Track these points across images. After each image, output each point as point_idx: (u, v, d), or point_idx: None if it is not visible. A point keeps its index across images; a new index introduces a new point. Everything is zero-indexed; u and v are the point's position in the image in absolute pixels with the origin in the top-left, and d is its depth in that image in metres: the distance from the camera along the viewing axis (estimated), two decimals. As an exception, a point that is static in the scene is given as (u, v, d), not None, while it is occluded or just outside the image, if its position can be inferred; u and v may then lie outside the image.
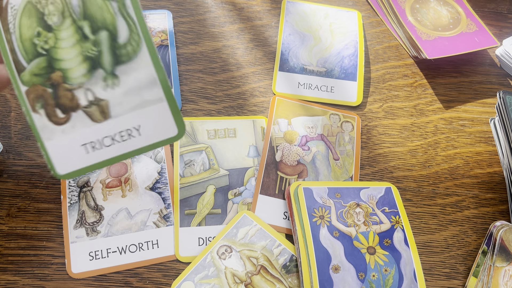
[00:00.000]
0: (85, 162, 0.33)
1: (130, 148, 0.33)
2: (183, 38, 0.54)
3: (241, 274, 0.40)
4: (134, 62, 0.31)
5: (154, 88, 0.32)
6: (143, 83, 0.32)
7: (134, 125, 0.32)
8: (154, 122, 0.32)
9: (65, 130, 0.32)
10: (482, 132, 0.52)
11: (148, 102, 0.32)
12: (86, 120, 0.32)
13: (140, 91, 0.32)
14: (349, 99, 0.52)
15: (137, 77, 0.32)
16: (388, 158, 0.49)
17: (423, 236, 0.45)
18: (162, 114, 0.32)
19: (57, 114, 0.32)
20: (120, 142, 0.33)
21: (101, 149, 0.33)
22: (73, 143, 0.32)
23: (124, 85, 0.32)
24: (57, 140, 0.32)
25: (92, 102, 0.32)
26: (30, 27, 0.31)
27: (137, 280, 0.40)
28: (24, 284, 0.39)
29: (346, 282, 0.39)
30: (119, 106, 0.32)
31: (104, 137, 0.32)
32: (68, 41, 0.31)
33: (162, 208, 0.43)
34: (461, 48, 0.54)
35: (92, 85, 0.32)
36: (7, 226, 0.41)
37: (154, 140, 0.33)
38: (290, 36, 0.56)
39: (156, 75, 0.32)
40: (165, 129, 0.33)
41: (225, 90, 0.51)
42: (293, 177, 0.46)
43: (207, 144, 0.47)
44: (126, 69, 0.31)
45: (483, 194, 0.48)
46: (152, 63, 0.31)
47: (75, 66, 0.31)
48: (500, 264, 0.41)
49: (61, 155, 0.33)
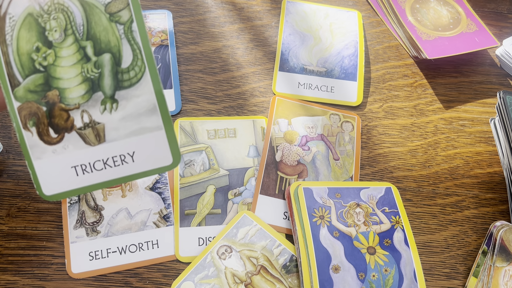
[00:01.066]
0: (73, 184, 0.32)
1: (122, 174, 0.32)
2: (183, 38, 0.54)
3: (241, 274, 0.40)
4: (136, 89, 0.31)
5: (153, 116, 0.31)
6: (143, 110, 0.31)
7: (128, 151, 0.31)
8: (149, 149, 0.31)
9: (56, 150, 0.31)
10: (482, 132, 0.52)
11: (145, 129, 0.31)
12: (79, 142, 0.31)
13: (138, 118, 0.31)
14: (349, 99, 0.52)
15: (137, 103, 0.31)
16: (388, 158, 0.49)
17: (423, 236, 0.45)
18: (158, 142, 0.31)
19: (50, 134, 0.31)
20: (112, 167, 0.31)
21: (92, 173, 0.31)
22: (63, 164, 0.31)
23: (123, 110, 0.31)
24: (47, 160, 0.31)
25: (87, 125, 0.31)
26: (29, 41, 0.30)
27: (137, 280, 0.40)
28: (24, 284, 0.39)
29: (346, 282, 0.39)
30: (115, 131, 0.31)
31: (96, 160, 0.31)
32: (68, 60, 0.30)
33: (162, 208, 0.43)
34: (461, 48, 0.54)
35: (90, 107, 0.31)
36: (7, 226, 0.41)
37: (148, 167, 0.32)
38: (290, 36, 0.56)
39: (156, 103, 0.31)
40: (160, 157, 0.32)
41: (225, 90, 0.51)
42: (293, 177, 0.46)
43: (207, 144, 0.47)
44: (126, 94, 0.31)
45: (483, 194, 0.48)
46: (153, 91, 0.31)
47: (73, 86, 0.30)
48: (500, 264, 0.41)
49: (49, 176, 0.31)
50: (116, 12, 0.31)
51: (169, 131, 0.31)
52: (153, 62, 0.31)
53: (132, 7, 0.30)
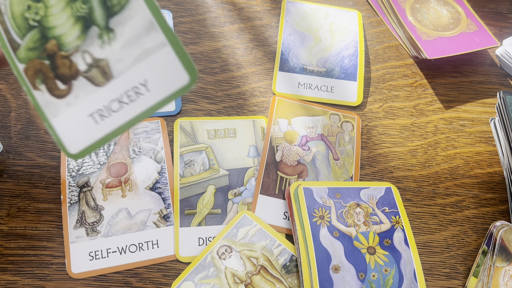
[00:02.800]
0: (96, 134, 0.30)
1: (141, 109, 0.29)
2: (183, 38, 0.54)
3: (241, 274, 0.40)
4: (128, 10, 0.29)
5: (154, 33, 0.29)
6: (141, 30, 0.29)
7: (140, 81, 0.29)
8: (160, 72, 0.29)
9: (69, 102, 0.30)
10: (482, 132, 0.52)
11: (149, 50, 0.29)
12: (88, 86, 0.30)
13: (139, 40, 0.29)
14: (349, 99, 0.52)
15: (133, 25, 0.29)
16: (388, 158, 0.49)
17: (423, 236, 0.45)
18: (167, 61, 0.29)
19: (59, 87, 0.30)
20: (129, 103, 0.29)
21: (110, 116, 0.30)
22: (80, 115, 0.30)
23: (121, 38, 0.29)
24: (64, 115, 0.30)
25: (91, 65, 0.29)
26: (20, 3, 0.30)
27: (137, 280, 0.40)
28: (24, 284, 0.39)
29: (346, 282, 0.39)
30: (120, 62, 0.29)
31: (111, 101, 0.30)
32: (57, 6, 0.30)
33: (162, 208, 0.43)
34: (461, 48, 0.54)
35: (88, 46, 0.29)
36: (7, 226, 0.41)
37: (165, 93, 0.29)
38: (290, 36, 0.56)
39: (153, 18, 0.28)
40: (174, 78, 0.29)
41: (225, 90, 0.51)
42: (293, 177, 0.46)
43: (207, 144, 0.47)
44: (120, 19, 0.29)
45: (483, 194, 0.48)
46: (146, 6, 0.29)
47: (68, 29, 0.30)
48: (500, 264, 0.41)
49: (70, 132, 0.30)
50: None
51: (175, 46, 0.29)
52: None
53: None
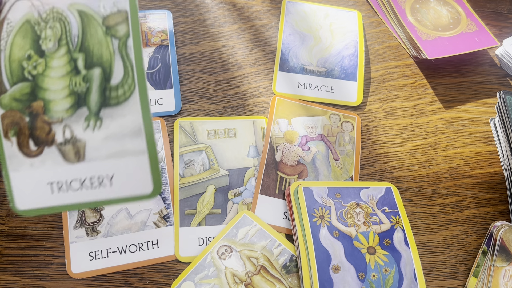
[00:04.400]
0: (47, 202, 0.30)
1: (98, 198, 0.30)
2: (183, 38, 0.54)
3: (241, 274, 0.40)
4: (122, 108, 0.29)
5: (138, 139, 0.29)
6: (127, 131, 0.29)
7: (107, 173, 0.30)
8: (129, 174, 0.30)
9: (34, 164, 0.30)
10: (482, 132, 0.52)
11: (128, 152, 0.30)
12: (58, 158, 0.30)
13: (122, 139, 0.29)
14: (349, 99, 0.52)
15: (122, 123, 0.29)
16: (388, 158, 0.49)
17: (423, 236, 0.45)
18: (139, 168, 0.30)
19: (30, 146, 0.30)
20: (89, 188, 0.30)
21: (67, 192, 0.30)
22: (40, 180, 0.30)
23: (106, 129, 0.29)
24: (23, 173, 0.30)
25: (68, 141, 0.30)
26: (22, 48, 0.29)
27: (137, 280, 0.40)
28: (24, 284, 0.39)
29: (346, 282, 0.39)
30: (96, 150, 0.30)
31: (73, 179, 0.30)
32: (58, 71, 0.30)
33: (162, 208, 0.43)
34: (461, 48, 0.54)
35: (73, 123, 0.29)
36: (7, 226, 0.41)
37: (125, 194, 0.30)
38: (290, 36, 0.56)
39: (142, 125, 0.29)
40: (139, 184, 0.30)
41: (225, 90, 0.51)
42: (293, 177, 0.46)
43: (207, 144, 0.47)
44: (112, 112, 0.29)
45: (483, 194, 0.48)
46: (141, 112, 0.29)
47: (59, 98, 0.29)
48: (500, 264, 0.41)
49: (24, 190, 0.30)
50: (114, 26, 0.30)
51: (152, 157, 0.30)
52: (144, 82, 0.29)
53: (131, 22, 0.29)
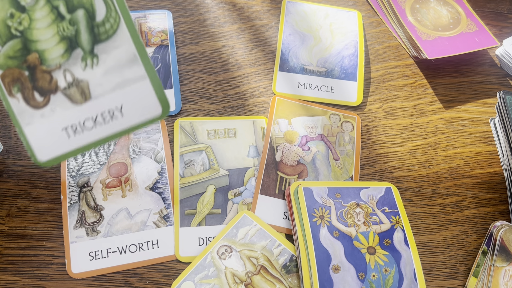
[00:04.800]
0: (67, 146, 0.32)
1: (114, 130, 0.32)
2: (183, 38, 0.54)
3: (241, 274, 0.40)
4: (113, 40, 0.30)
5: (135, 66, 0.31)
6: (123, 61, 0.31)
7: (116, 105, 0.31)
8: (136, 101, 0.31)
9: (45, 114, 0.31)
10: (482, 132, 0.52)
11: (129, 80, 0.31)
12: (66, 103, 0.31)
13: (120, 70, 0.31)
14: (349, 99, 0.52)
15: (117, 55, 0.31)
16: (388, 158, 0.49)
17: (423, 236, 0.45)
18: (144, 92, 0.31)
19: (36, 98, 0.31)
20: (103, 124, 0.31)
21: (83, 132, 0.31)
22: (54, 127, 0.31)
23: (104, 64, 0.31)
24: (37, 125, 0.31)
25: (71, 84, 0.31)
26: (3, 9, 0.30)
27: (137, 280, 0.40)
28: (24, 284, 0.39)
29: (346, 282, 0.39)
30: (100, 86, 0.31)
31: (86, 119, 0.31)
32: (43, 22, 0.30)
33: (162, 208, 0.43)
34: (461, 48, 0.54)
35: (71, 66, 0.31)
36: (7, 226, 0.41)
37: (138, 120, 0.32)
38: (290, 36, 0.56)
39: (136, 52, 0.31)
40: (148, 108, 0.32)
41: (225, 90, 0.51)
42: (293, 177, 0.46)
43: (207, 144, 0.47)
44: (105, 47, 0.30)
45: (483, 194, 0.48)
46: (131, 40, 0.30)
47: (52, 46, 0.30)
48: (500, 264, 0.41)
49: (41, 141, 0.31)
50: None
51: (153, 79, 0.31)
52: (127, 12, 0.30)
53: None
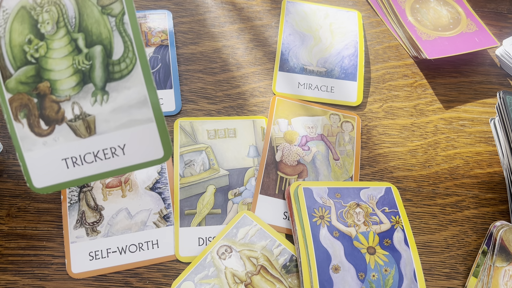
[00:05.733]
0: (64, 177, 0.32)
1: (112, 167, 0.32)
2: (183, 38, 0.54)
3: (241, 274, 0.40)
4: (126, 80, 0.31)
5: (144, 108, 0.31)
6: (133, 102, 0.31)
7: (119, 144, 0.32)
8: (140, 142, 0.32)
9: (47, 142, 0.31)
10: (482, 132, 0.52)
11: (136, 121, 0.31)
12: (69, 134, 0.31)
13: (129, 110, 0.31)
14: (349, 99, 0.52)
15: (127, 95, 0.31)
16: (388, 158, 0.49)
17: (423, 236, 0.45)
18: (149, 135, 0.32)
19: (41, 125, 0.31)
20: (103, 160, 0.32)
21: (82, 165, 0.32)
22: (54, 157, 0.31)
23: (114, 102, 0.31)
24: (37, 152, 0.31)
25: (78, 117, 0.31)
26: (22, 33, 0.30)
27: (137, 280, 0.40)
28: (24, 284, 0.39)
29: (346, 282, 0.39)
30: (106, 123, 0.31)
31: (87, 153, 0.32)
32: (60, 52, 0.31)
33: (162, 208, 0.43)
34: (461, 48, 0.54)
35: (81, 99, 0.31)
36: (7, 226, 0.41)
37: (138, 160, 0.32)
38: (290, 36, 0.56)
39: (147, 94, 0.31)
40: (150, 151, 0.32)
41: (225, 90, 0.51)
42: (293, 177, 0.46)
43: (207, 144, 0.47)
44: (117, 86, 0.31)
45: (483, 194, 0.48)
46: (144, 83, 0.31)
47: (64, 78, 0.31)
48: (500, 264, 0.41)
49: (39, 168, 0.32)
50: (108, 5, 0.31)
51: (160, 124, 0.31)
52: (144, 54, 0.31)
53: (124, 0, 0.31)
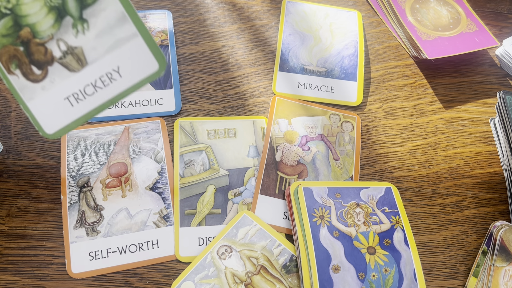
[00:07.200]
0: (72, 115, 0.32)
1: (114, 92, 0.32)
2: (183, 38, 0.54)
3: (241, 274, 0.40)
4: (100, 2, 0.31)
5: (125, 24, 0.31)
6: (113, 21, 0.31)
7: (113, 67, 0.32)
8: (132, 60, 0.32)
9: (45, 86, 0.32)
10: (482, 132, 0.52)
11: (122, 40, 0.31)
12: (64, 72, 0.31)
13: (112, 31, 0.31)
14: (349, 99, 0.52)
15: (105, 16, 0.31)
16: (388, 158, 0.49)
17: (423, 236, 0.45)
18: (139, 50, 0.31)
19: (34, 72, 0.32)
20: (103, 88, 0.32)
21: (86, 99, 0.32)
22: (56, 98, 0.32)
23: (95, 28, 0.31)
24: (39, 98, 0.32)
25: (66, 52, 0.31)
26: None
27: (137, 280, 0.40)
28: (24, 284, 0.39)
29: (346, 282, 0.39)
30: (94, 50, 0.31)
31: (86, 85, 0.32)
32: None
33: (162, 208, 0.43)
34: (461, 48, 0.54)
35: (63, 35, 0.31)
36: (7, 226, 0.41)
37: (137, 78, 0.32)
38: (290, 36, 0.56)
39: (124, 10, 0.31)
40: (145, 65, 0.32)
41: (225, 90, 0.51)
42: (293, 177, 0.46)
43: (207, 144, 0.47)
44: (93, 11, 0.31)
45: (483, 194, 0.48)
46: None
47: (41, 18, 0.31)
48: (500, 264, 0.41)
49: (46, 113, 0.32)
50: None
51: (145, 36, 0.31)
52: None
53: None
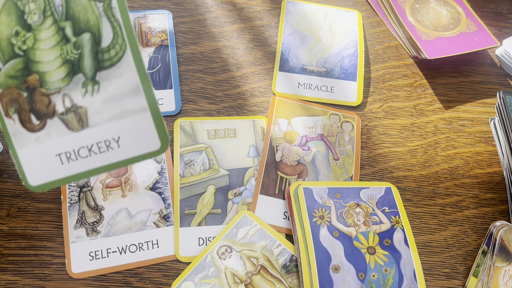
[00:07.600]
0: (59, 173, 0.31)
1: (108, 161, 0.30)
2: (183, 38, 0.54)
3: (241, 274, 0.40)
4: (117, 68, 0.29)
5: (137, 97, 0.29)
6: (126, 91, 0.29)
7: (113, 136, 0.30)
8: (135, 133, 0.30)
9: (39, 138, 0.30)
10: (482, 132, 0.52)
11: (129, 111, 0.29)
12: (62, 128, 0.30)
13: (121, 99, 0.29)
14: (349, 99, 0.52)
15: (119, 84, 0.29)
16: (388, 158, 0.49)
17: (423, 236, 0.45)
18: (144, 125, 0.30)
19: (32, 121, 0.30)
20: (97, 154, 0.30)
21: (77, 161, 0.30)
22: (48, 153, 0.30)
23: (105, 92, 0.29)
24: (30, 148, 0.30)
25: (69, 109, 0.30)
26: (9, 26, 0.29)
27: (137, 280, 0.40)
28: (24, 284, 0.39)
29: (346, 282, 0.39)
30: (98, 114, 0.30)
31: (81, 147, 0.30)
32: (47, 42, 0.30)
33: (162, 208, 0.43)
34: (461, 48, 0.54)
35: (71, 91, 0.30)
36: (7, 226, 0.41)
37: (135, 153, 0.30)
38: (290, 36, 0.56)
39: (140, 82, 0.29)
40: (146, 142, 0.30)
41: (225, 90, 0.51)
42: (293, 177, 0.46)
43: (207, 144, 0.47)
44: (107, 75, 0.29)
45: (483, 194, 0.48)
46: (136, 70, 0.29)
47: (53, 69, 0.30)
48: (500, 264, 0.41)
49: (34, 165, 0.30)
50: None
51: (154, 113, 0.29)
52: (134, 39, 0.29)
53: None
